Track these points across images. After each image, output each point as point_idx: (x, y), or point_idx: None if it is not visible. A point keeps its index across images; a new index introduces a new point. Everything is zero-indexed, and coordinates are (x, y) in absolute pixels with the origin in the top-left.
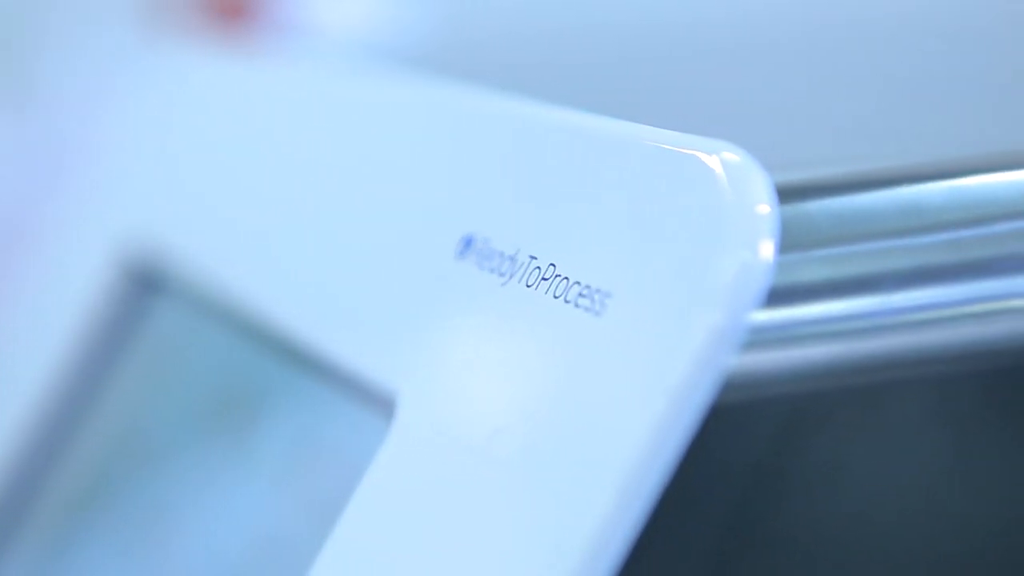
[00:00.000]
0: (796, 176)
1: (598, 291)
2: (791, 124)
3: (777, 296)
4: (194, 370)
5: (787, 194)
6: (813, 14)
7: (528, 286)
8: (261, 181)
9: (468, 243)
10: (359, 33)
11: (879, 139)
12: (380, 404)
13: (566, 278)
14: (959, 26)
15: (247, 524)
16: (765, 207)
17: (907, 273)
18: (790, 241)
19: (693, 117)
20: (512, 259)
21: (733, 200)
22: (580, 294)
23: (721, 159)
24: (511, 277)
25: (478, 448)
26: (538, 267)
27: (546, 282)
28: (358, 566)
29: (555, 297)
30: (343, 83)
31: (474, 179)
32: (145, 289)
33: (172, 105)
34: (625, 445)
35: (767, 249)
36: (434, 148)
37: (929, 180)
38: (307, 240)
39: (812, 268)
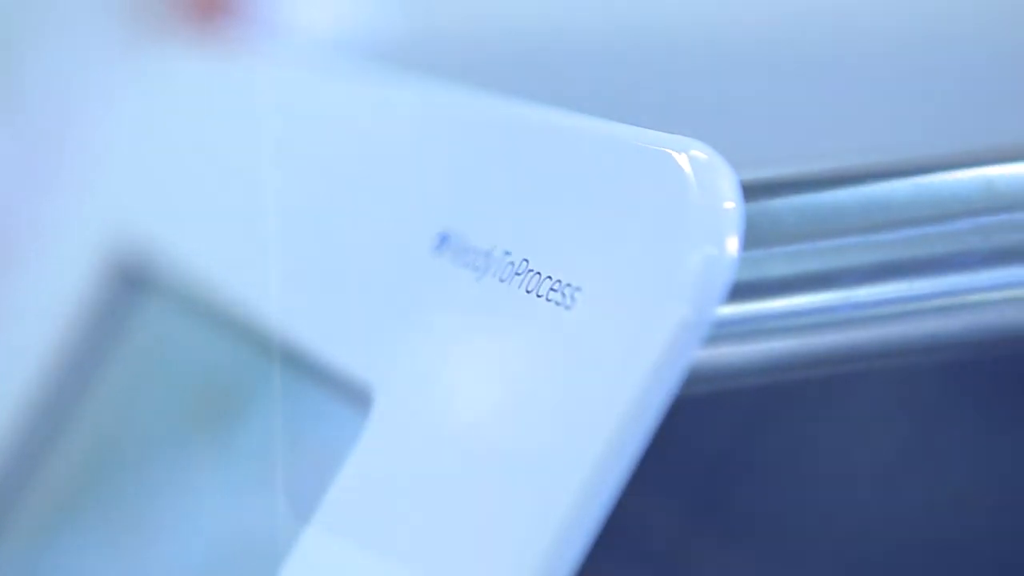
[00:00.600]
0: (763, 174)
1: (568, 285)
2: (769, 123)
3: (743, 291)
4: (178, 367)
5: (754, 191)
6: (795, 15)
7: (501, 281)
8: (243, 179)
9: (444, 239)
10: (337, 31)
11: (857, 139)
12: (357, 398)
13: (538, 273)
14: (946, 25)
15: (230, 519)
16: (731, 203)
17: (870, 268)
18: (756, 237)
19: (669, 116)
20: (487, 254)
21: (700, 196)
22: (551, 288)
23: (689, 156)
24: (485, 272)
25: (453, 440)
26: (511, 262)
27: (519, 277)
28: (336, 558)
29: (527, 292)
30: (322, 81)
31: (451, 176)
32: (131, 287)
33: (156, 105)
34: (593, 435)
35: (733, 244)
36: (412, 145)
37: (893, 178)
38: (287, 236)
39: (777, 263)
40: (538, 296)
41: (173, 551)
